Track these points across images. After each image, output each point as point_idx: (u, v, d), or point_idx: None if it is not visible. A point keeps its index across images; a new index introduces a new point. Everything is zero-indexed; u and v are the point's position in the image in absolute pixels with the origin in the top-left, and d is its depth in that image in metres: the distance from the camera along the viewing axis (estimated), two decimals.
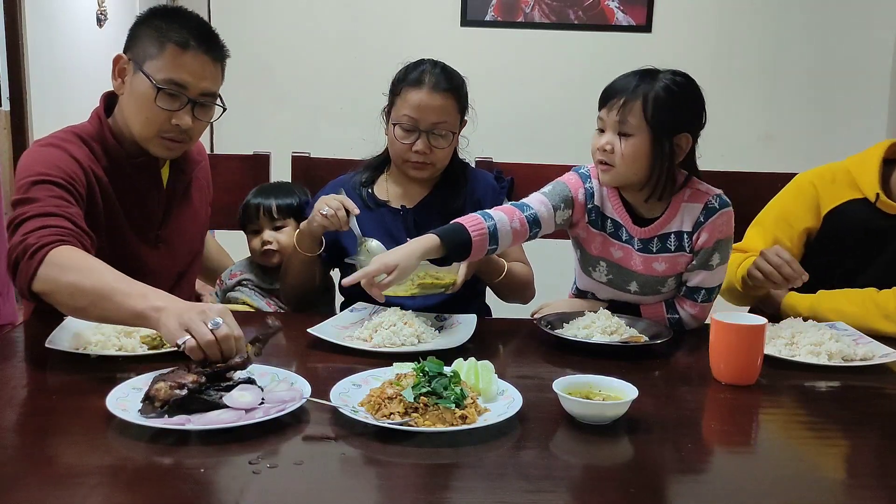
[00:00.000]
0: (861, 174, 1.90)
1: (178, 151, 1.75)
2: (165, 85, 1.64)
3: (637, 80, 1.66)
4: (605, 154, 1.67)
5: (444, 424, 1.17)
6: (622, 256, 1.77)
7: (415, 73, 1.90)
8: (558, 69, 3.56)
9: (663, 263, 1.74)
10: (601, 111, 1.70)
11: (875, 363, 1.55)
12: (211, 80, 1.70)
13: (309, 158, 2.36)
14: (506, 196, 2.02)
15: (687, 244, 1.72)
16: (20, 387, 1.36)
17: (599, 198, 1.77)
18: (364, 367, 1.40)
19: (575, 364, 1.51)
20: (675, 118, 1.66)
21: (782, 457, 1.18)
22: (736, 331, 1.44)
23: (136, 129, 1.69)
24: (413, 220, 1.96)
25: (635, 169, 1.67)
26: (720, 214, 1.70)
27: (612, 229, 1.77)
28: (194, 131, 1.72)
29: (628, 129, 1.65)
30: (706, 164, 2.35)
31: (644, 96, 1.64)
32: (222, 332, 1.27)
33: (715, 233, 1.70)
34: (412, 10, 3.52)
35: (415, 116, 1.88)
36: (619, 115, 1.65)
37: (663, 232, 1.73)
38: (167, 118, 1.66)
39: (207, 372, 1.25)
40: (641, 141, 1.65)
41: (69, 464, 1.08)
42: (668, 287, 1.78)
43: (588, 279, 1.86)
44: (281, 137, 3.50)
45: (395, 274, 1.53)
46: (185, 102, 1.66)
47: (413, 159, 1.91)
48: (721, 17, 3.49)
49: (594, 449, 1.17)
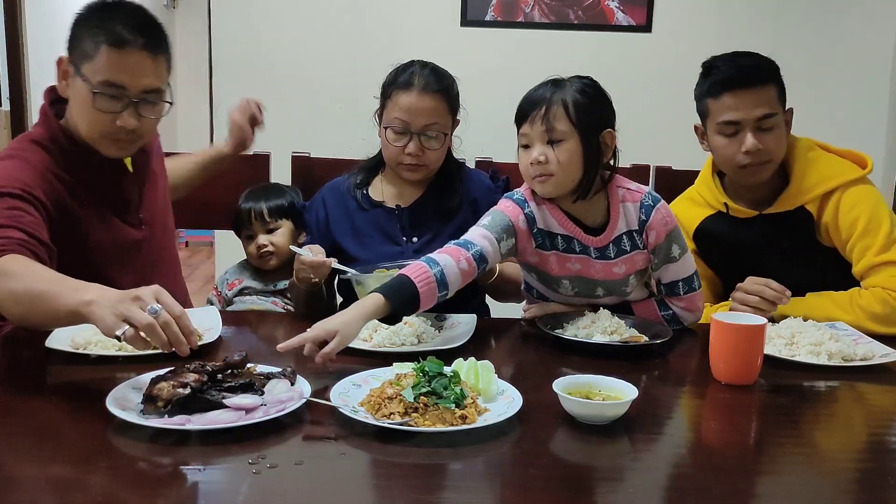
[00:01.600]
0: (705, 191, 2.00)
1: (130, 150, 1.71)
2: (102, 87, 1.58)
3: (551, 89, 1.69)
4: (541, 166, 1.67)
5: (444, 424, 1.17)
6: (581, 268, 1.76)
7: (404, 75, 1.90)
8: (558, 69, 3.53)
9: (623, 266, 1.74)
10: (522, 127, 1.70)
11: (875, 363, 1.55)
12: (152, 77, 1.62)
13: (309, 158, 2.36)
14: (501, 196, 2.02)
15: (639, 241, 1.74)
16: (20, 387, 1.36)
17: (542, 220, 1.76)
18: (364, 367, 1.40)
19: (575, 364, 1.51)
20: (597, 117, 1.70)
21: (782, 457, 1.18)
22: (736, 331, 1.44)
23: (82, 132, 1.66)
24: (408, 219, 1.96)
25: (572, 173, 1.68)
26: (658, 209, 1.72)
27: (563, 245, 1.76)
28: (143, 130, 1.66)
29: (557, 135, 1.66)
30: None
31: (563, 102, 1.67)
32: (163, 318, 1.22)
33: (662, 227, 1.72)
34: (412, 10, 3.52)
35: (405, 119, 1.88)
36: (545, 124, 1.66)
37: (616, 235, 1.73)
38: (110, 120, 1.61)
39: (208, 371, 1.25)
40: (573, 144, 1.67)
41: (69, 464, 1.07)
42: (631, 286, 1.77)
43: (556, 295, 1.83)
44: (281, 137, 3.49)
45: (336, 341, 1.41)
46: (126, 103, 1.60)
47: (406, 161, 1.91)
48: (721, 17, 3.49)
49: (594, 449, 1.17)
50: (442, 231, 1.96)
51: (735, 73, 1.84)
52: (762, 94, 1.82)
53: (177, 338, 1.24)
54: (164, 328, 1.23)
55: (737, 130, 1.84)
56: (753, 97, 1.82)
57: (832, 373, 1.52)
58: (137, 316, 1.22)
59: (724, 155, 1.88)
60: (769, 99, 1.83)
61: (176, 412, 1.17)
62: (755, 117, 1.81)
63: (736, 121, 1.83)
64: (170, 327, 1.23)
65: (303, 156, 2.37)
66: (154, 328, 1.22)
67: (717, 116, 1.85)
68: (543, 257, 1.77)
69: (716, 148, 1.90)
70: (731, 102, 1.83)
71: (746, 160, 1.84)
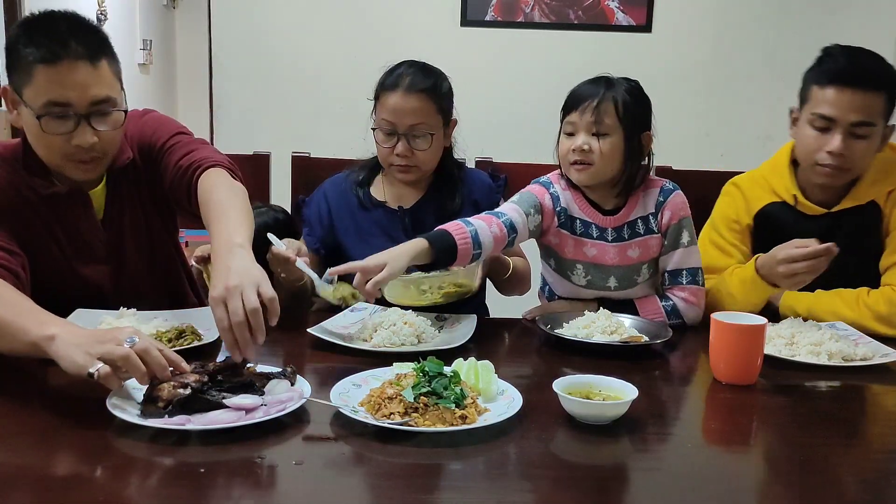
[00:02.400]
0: (775, 179, 1.94)
1: (97, 169, 1.61)
2: (46, 109, 1.47)
3: (603, 86, 1.79)
4: (583, 154, 1.78)
5: (444, 424, 1.17)
6: (596, 254, 1.84)
7: (392, 76, 1.91)
8: (558, 69, 3.55)
9: (637, 249, 1.83)
10: (571, 115, 1.81)
11: (875, 363, 1.55)
12: (97, 86, 1.49)
13: (309, 158, 2.36)
14: (501, 195, 2.02)
15: (654, 225, 1.83)
16: (20, 387, 1.36)
17: (565, 201, 1.87)
18: (364, 367, 1.40)
19: (575, 364, 1.51)
20: (640, 117, 1.81)
21: (782, 457, 1.18)
22: (736, 331, 1.44)
23: (44, 159, 1.57)
24: (410, 220, 1.96)
25: (613, 166, 1.79)
26: (675, 194, 1.84)
27: (581, 229, 1.85)
28: (103, 144, 1.55)
29: (604, 129, 1.77)
30: (706, 163, 2.35)
31: (614, 99, 1.77)
32: (140, 346, 1.16)
33: (676, 210, 1.82)
34: (412, 10, 3.52)
35: (392, 120, 1.88)
36: (595, 116, 1.76)
37: (631, 219, 1.84)
38: (65, 141, 1.50)
39: (209, 371, 1.24)
40: (617, 139, 1.78)
41: (69, 464, 1.08)
42: (643, 276, 1.85)
43: (568, 284, 1.88)
44: (281, 137, 3.50)
45: (386, 271, 1.54)
46: (77, 121, 1.49)
47: (396, 162, 1.91)
48: (721, 17, 3.49)
49: (594, 449, 1.17)
50: None
51: (848, 69, 1.77)
52: (868, 99, 1.75)
53: (158, 362, 1.17)
54: (143, 355, 1.16)
55: (829, 127, 1.77)
56: (858, 99, 1.75)
57: (832, 373, 1.52)
58: (112, 350, 1.15)
59: (808, 147, 1.82)
60: (873, 107, 1.76)
61: (176, 412, 1.17)
62: (850, 121, 1.75)
63: (831, 117, 1.76)
64: (149, 353, 1.16)
65: (303, 156, 2.37)
66: (130, 359, 1.15)
67: (814, 106, 1.79)
68: (563, 238, 1.86)
69: (802, 137, 1.84)
70: (833, 97, 1.76)
71: (827, 160, 1.78)
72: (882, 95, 1.76)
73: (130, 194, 1.72)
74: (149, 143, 1.71)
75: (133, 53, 4.71)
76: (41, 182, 1.61)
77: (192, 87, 6.28)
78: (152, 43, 5.00)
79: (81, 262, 1.67)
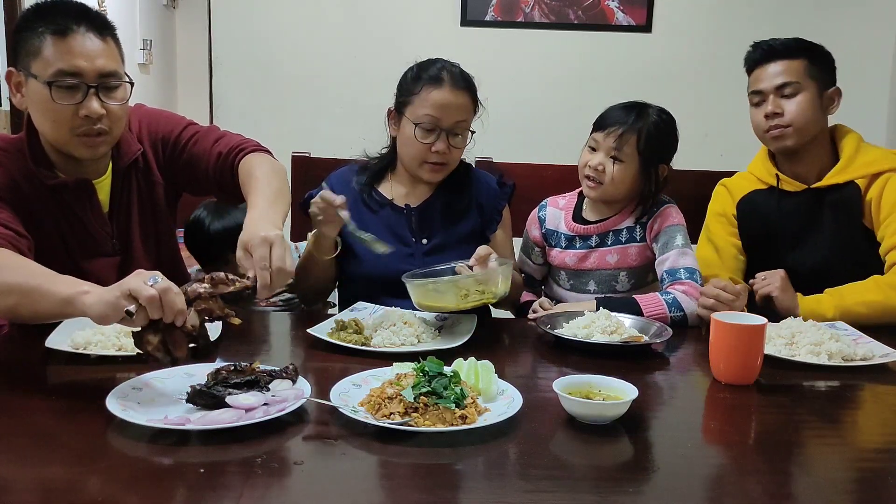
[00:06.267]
0: (757, 168, 2.11)
1: (103, 147, 1.63)
2: (57, 78, 1.52)
3: (634, 115, 1.90)
4: (597, 173, 1.91)
5: (444, 424, 1.17)
6: (577, 261, 2.01)
7: (432, 70, 1.88)
8: (558, 69, 3.56)
9: (615, 255, 1.97)
10: (597, 133, 1.91)
11: (875, 363, 1.55)
12: (106, 58, 1.56)
13: (309, 158, 2.36)
14: (507, 202, 2.02)
15: (639, 234, 1.96)
16: (19, 387, 1.36)
17: (552, 220, 2.06)
18: (364, 367, 1.40)
19: (575, 364, 1.51)
20: (660, 151, 1.93)
21: (781, 457, 1.18)
22: (736, 331, 1.44)
23: (50, 137, 1.60)
24: (417, 220, 1.95)
25: (622, 190, 1.93)
26: (670, 205, 1.96)
27: (566, 243, 2.03)
28: (110, 120, 1.59)
29: (622, 156, 1.89)
30: (706, 163, 2.36)
31: (639, 131, 1.88)
32: (161, 286, 1.21)
33: (666, 218, 1.93)
34: (412, 10, 3.52)
35: (437, 115, 1.85)
36: (616, 142, 1.89)
37: (617, 227, 1.98)
38: (73, 113, 1.55)
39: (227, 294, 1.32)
40: (631, 168, 1.91)
41: (69, 464, 1.07)
42: (621, 283, 1.96)
43: (555, 287, 2.08)
44: (281, 137, 3.49)
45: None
46: (85, 90, 1.54)
47: (431, 160, 1.88)
48: (721, 17, 3.49)
49: (594, 449, 1.17)
50: (452, 234, 1.95)
51: (760, 50, 2.01)
52: (784, 65, 1.97)
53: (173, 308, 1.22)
54: (163, 294, 1.21)
55: (763, 100, 2.00)
56: (776, 68, 1.97)
57: (832, 373, 1.52)
58: (139, 287, 1.20)
59: (754, 123, 2.04)
60: (791, 69, 1.96)
61: (194, 400, 1.21)
62: (775, 85, 1.97)
63: (760, 90, 2.00)
64: (167, 294, 1.21)
65: (303, 156, 2.37)
66: (154, 300, 1.20)
67: (749, 89, 2.04)
68: (549, 250, 2.08)
69: (751, 119, 2.05)
70: (758, 74, 2.02)
71: (767, 124, 1.98)
72: (801, 61, 1.98)
73: (139, 187, 1.75)
74: (164, 137, 1.79)
75: (133, 53, 4.71)
76: (46, 173, 1.64)
77: (192, 87, 6.29)
78: (152, 43, 5.01)
79: (87, 255, 1.70)
